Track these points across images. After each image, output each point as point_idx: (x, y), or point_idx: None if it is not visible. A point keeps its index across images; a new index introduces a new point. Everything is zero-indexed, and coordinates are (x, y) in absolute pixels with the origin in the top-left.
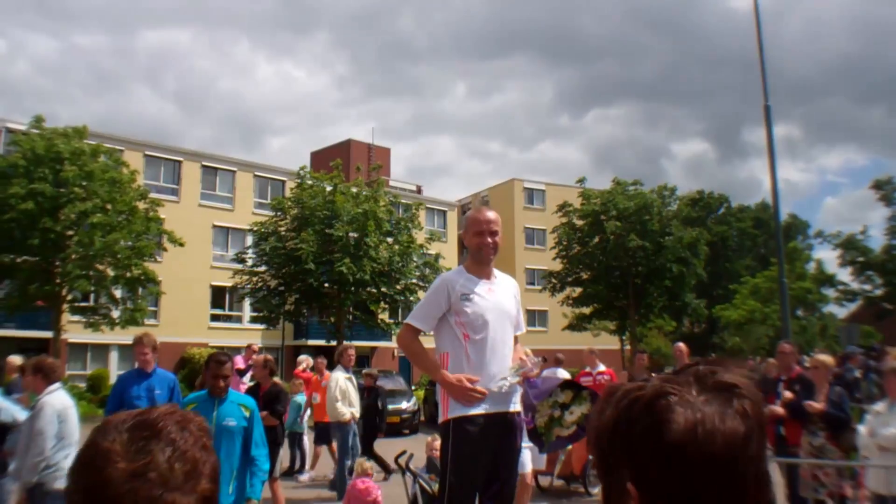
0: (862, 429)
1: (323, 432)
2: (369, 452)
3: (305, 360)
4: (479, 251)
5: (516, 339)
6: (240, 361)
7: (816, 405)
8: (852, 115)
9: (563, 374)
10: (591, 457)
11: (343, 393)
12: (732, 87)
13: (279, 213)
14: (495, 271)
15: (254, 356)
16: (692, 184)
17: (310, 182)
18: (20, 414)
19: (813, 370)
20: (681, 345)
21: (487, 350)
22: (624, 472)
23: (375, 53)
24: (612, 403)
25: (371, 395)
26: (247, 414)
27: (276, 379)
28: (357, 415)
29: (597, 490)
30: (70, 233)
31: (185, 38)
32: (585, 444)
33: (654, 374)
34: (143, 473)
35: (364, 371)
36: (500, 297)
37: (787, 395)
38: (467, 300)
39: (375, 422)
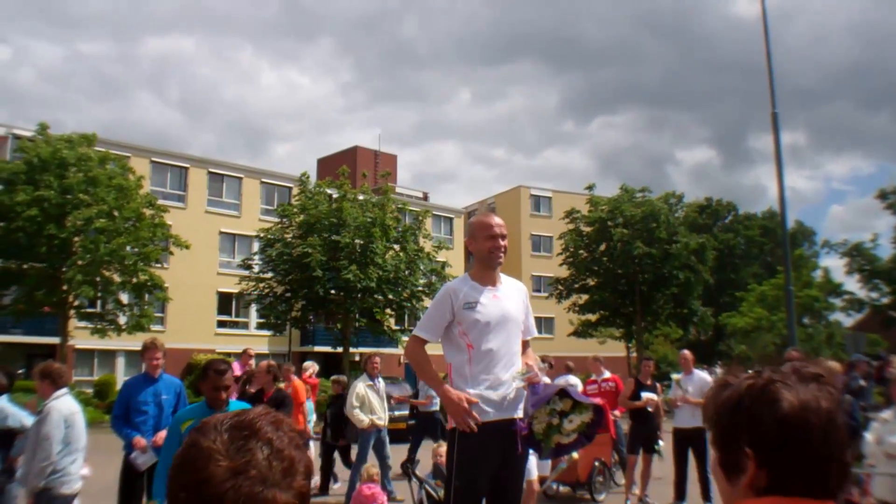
0: (868, 436)
1: None
2: (328, 459)
3: (311, 367)
4: (490, 255)
5: (526, 343)
6: (237, 368)
7: None
8: (858, 121)
9: (575, 381)
10: (596, 463)
11: (361, 399)
12: (737, 94)
13: (284, 220)
14: (502, 276)
15: (251, 361)
16: (697, 190)
17: (312, 189)
18: (27, 419)
19: None
20: (686, 352)
21: (491, 359)
22: (743, 438)
23: (379, 60)
24: (729, 389)
25: (337, 403)
26: None
27: (281, 385)
28: (379, 422)
29: (602, 497)
30: (76, 239)
31: (188, 45)
32: (589, 450)
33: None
34: (244, 471)
35: (332, 377)
36: (505, 303)
37: None
38: (470, 309)
39: (341, 429)
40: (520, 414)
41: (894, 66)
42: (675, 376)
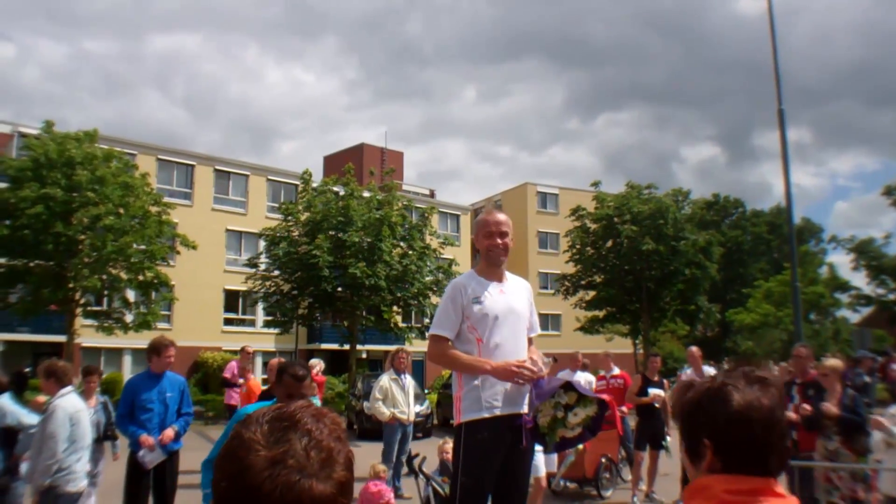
0: (876, 432)
1: None
2: None
3: (318, 364)
4: (489, 253)
5: (531, 340)
6: (235, 367)
7: (833, 409)
8: (862, 118)
9: (590, 377)
10: (603, 459)
11: (385, 393)
12: (742, 91)
13: (289, 219)
14: (507, 273)
15: (247, 354)
16: (702, 187)
17: (315, 186)
18: (25, 418)
19: (822, 377)
20: (694, 349)
21: (500, 352)
22: (703, 431)
23: (384, 58)
24: (692, 390)
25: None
26: None
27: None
28: (401, 416)
29: (609, 493)
30: (82, 237)
31: (193, 43)
32: (596, 446)
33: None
34: (281, 460)
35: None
36: (511, 299)
37: (805, 407)
38: (478, 303)
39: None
40: (525, 409)
41: None
42: (686, 371)
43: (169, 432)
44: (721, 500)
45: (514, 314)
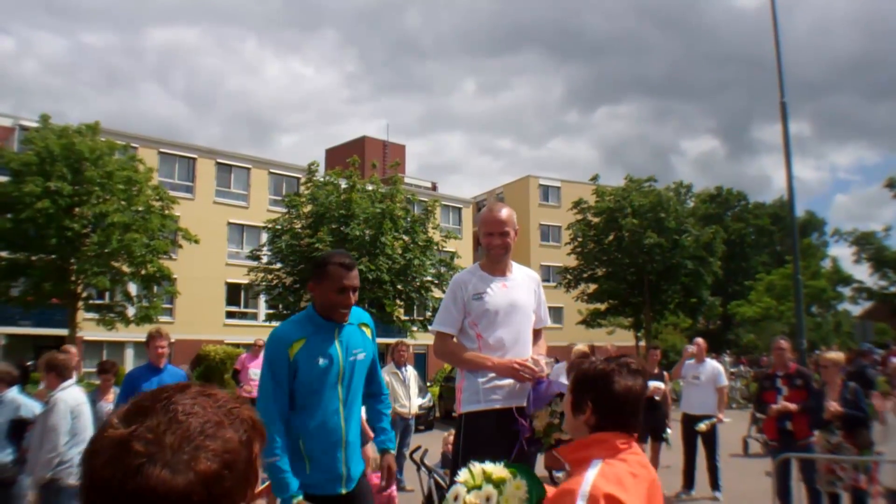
0: (875, 424)
1: None
2: None
3: None
4: (489, 251)
5: (539, 332)
6: (248, 359)
7: (838, 409)
8: (862, 111)
9: None
10: None
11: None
12: (741, 84)
13: (292, 211)
14: (513, 265)
15: (259, 349)
16: (702, 180)
17: (321, 179)
18: (39, 409)
19: (823, 370)
20: (699, 340)
21: (501, 348)
22: (589, 396)
23: (383, 51)
24: (588, 363)
25: None
26: (369, 335)
27: None
28: (401, 409)
29: None
30: (87, 230)
31: (192, 36)
32: None
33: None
34: (125, 442)
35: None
36: (514, 293)
37: (834, 406)
38: (479, 300)
39: None
40: (524, 402)
41: None
42: (689, 349)
43: None
44: (615, 447)
45: (516, 309)
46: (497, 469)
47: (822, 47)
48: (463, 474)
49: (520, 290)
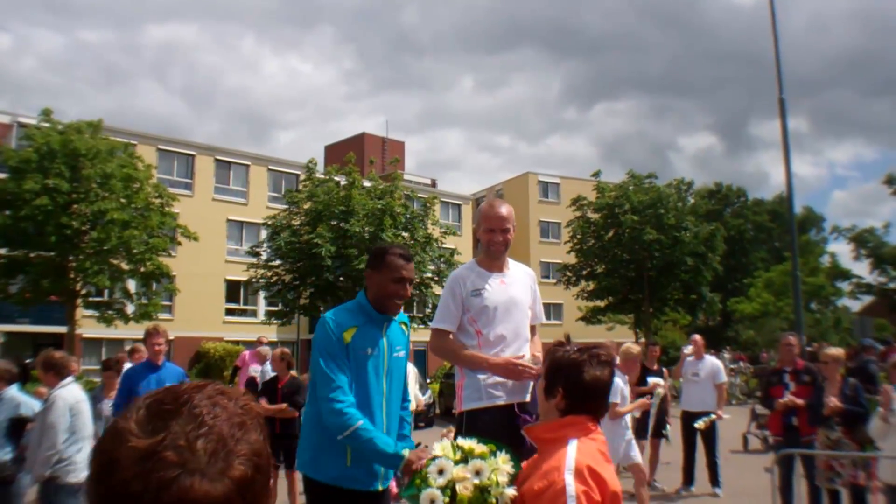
0: (875, 419)
1: None
2: None
3: None
4: (489, 248)
5: (534, 329)
6: (248, 356)
7: (838, 405)
8: (859, 108)
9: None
10: None
11: None
12: (739, 81)
13: (292, 207)
14: (510, 262)
15: (261, 348)
16: (699, 177)
17: (320, 176)
18: (38, 407)
19: (823, 364)
20: (697, 337)
21: (501, 344)
22: (560, 382)
23: (381, 48)
24: (561, 350)
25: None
26: (407, 334)
27: (293, 372)
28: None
29: None
30: (86, 227)
31: (190, 33)
32: None
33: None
34: (155, 453)
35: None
36: (512, 289)
37: (833, 402)
38: (477, 296)
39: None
40: (528, 398)
41: (894, 55)
42: (687, 349)
43: None
44: (587, 429)
45: (514, 305)
46: (475, 444)
47: (820, 44)
48: (438, 447)
49: (517, 286)
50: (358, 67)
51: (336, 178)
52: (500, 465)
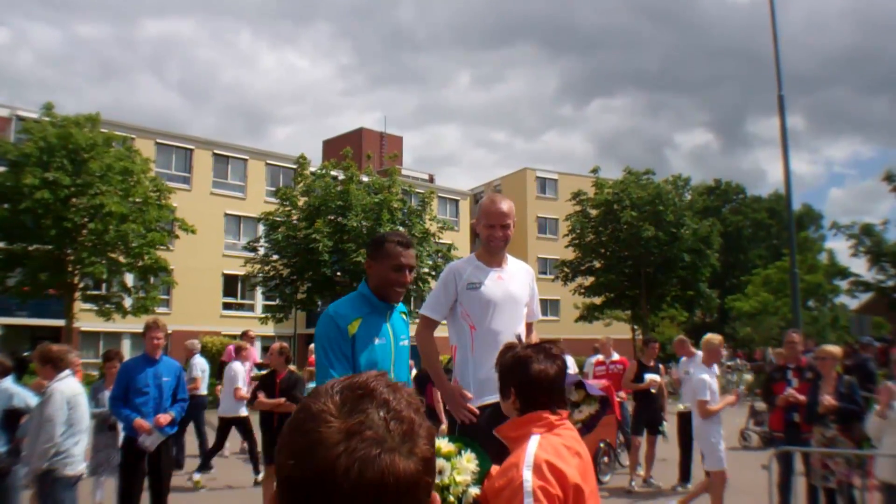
0: (874, 417)
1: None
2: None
3: None
4: (489, 243)
5: (530, 326)
6: (232, 351)
7: (833, 403)
8: (856, 105)
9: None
10: (601, 444)
11: None
12: (735, 78)
13: (286, 203)
14: (508, 258)
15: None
16: (696, 174)
17: (312, 171)
18: (32, 400)
19: (819, 361)
20: (680, 337)
21: (494, 340)
22: (511, 382)
23: (377, 43)
24: (510, 352)
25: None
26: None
27: (292, 367)
28: None
29: (607, 478)
30: (84, 221)
31: (186, 28)
32: (595, 432)
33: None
34: (358, 432)
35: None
36: (509, 285)
37: (828, 399)
38: (473, 289)
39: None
40: None
41: (891, 52)
42: (683, 360)
43: (164, 416)
44: (550, 423)
45: (511, 301)
46: (444, 443)
47: (816, 41)
48: None
49: (514, 282)
50: (354, 63)
51: (333, 173)
52: (464, 465)
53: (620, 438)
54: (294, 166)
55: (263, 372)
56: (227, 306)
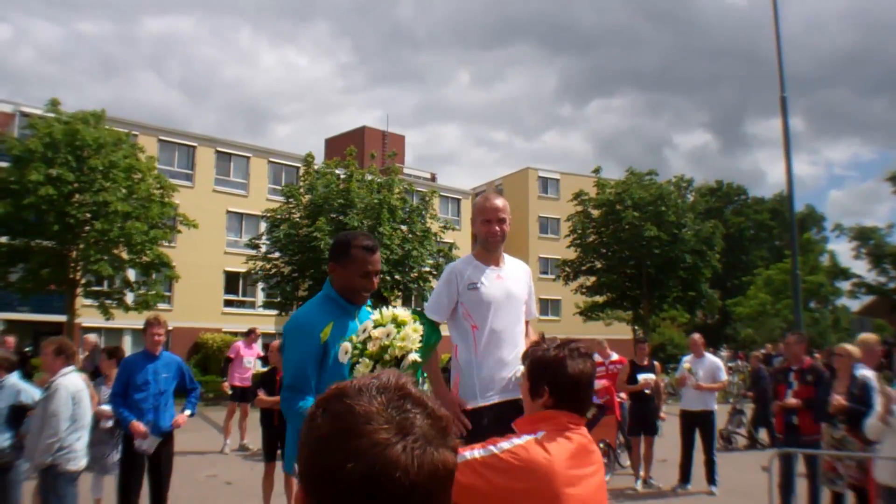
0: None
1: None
2: None
3: None
4: (486, 240)
5: (527, 324)
6: (241, 347)
7: (843, 403)
8: (855, 107)
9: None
10: (601, 445)
11: None
12: (734, 79)
13: (290, 201)
14: (505, 257)
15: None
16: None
17: (317, 168)
18: (39, 396)
19: (837, 358)
20: (696, 336)
21: (496, 339)
22: (545, 381)
23: (376, 42)
24: (541, 349)
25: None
26: None
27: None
28: None
29: (608, 478)
30: (88, 216)
31: (187, 25)
32: (594, 432)
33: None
34: (410, 432)
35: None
36: (508, 283)
37: (838, 400)
38: (474, 289)
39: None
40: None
41: (889, 54)
42: (686, 359)
43: (181, 417)
44: (564, 424)
45: (511, 299)
46: (403, 312)
47: (815, 42)
48: (375, 313)
49: (513, 280)
50: (354, 61)
51: (336, 171)
52: (409, 333)
53: (620, 439)
54: (297, 164)
55: (264, 369)
56: (228, 303)
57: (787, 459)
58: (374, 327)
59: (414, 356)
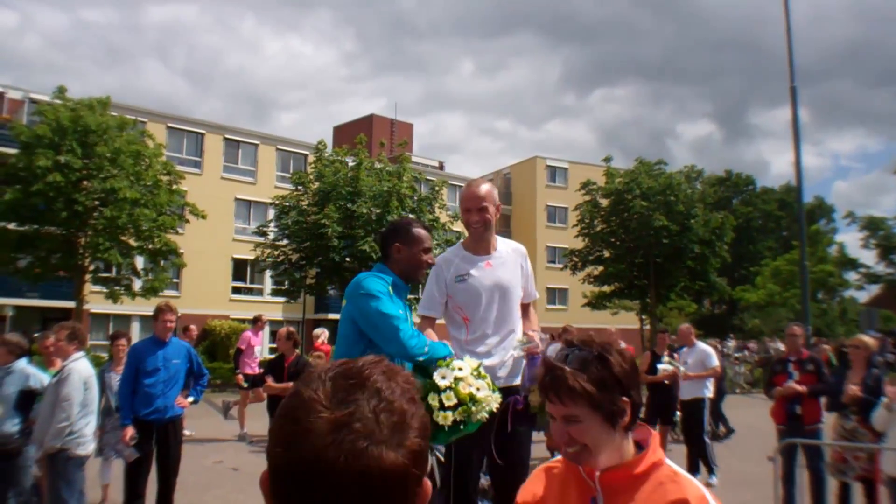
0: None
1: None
2: None
3: (322, 333)
4: (467, 228)
5: (527, 307)
6: (251, 337)
7: (858, 393)
8: (860, 98)
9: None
10: None
11: None
12: (738, 69)
13: (299, 188)
14: (498, 241)
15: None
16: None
17: (328, 155)
18: (48, 381)
19: (852, 349)
20: (684, 326)
21: (487, 329)
22: (624, 395)
23: (380, 30)
24: (611, 357)
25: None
26: None
27: (299, 351)
28: None
29: None
30: (96, 204)
31: (191, 13)
32: None
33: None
34: (347, 424)
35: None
36: (499, 271)
37: (853, 389)
38: (462, 282)
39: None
40: (518, 381)
41: (893, 46)
42: (682, 351)
43: (182, 400)
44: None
45: (502, 288)
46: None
47: (819, 33)
48: (469, 359)
49: (505, 267)
50: (357, 49)
51: (344, 160)
52: (490, 398)
53: None
54: (304, 152)
55: (272, 356)
56: (235, 290)
57: (789, 449)
58: (472, 375)
59: (483, 415)
